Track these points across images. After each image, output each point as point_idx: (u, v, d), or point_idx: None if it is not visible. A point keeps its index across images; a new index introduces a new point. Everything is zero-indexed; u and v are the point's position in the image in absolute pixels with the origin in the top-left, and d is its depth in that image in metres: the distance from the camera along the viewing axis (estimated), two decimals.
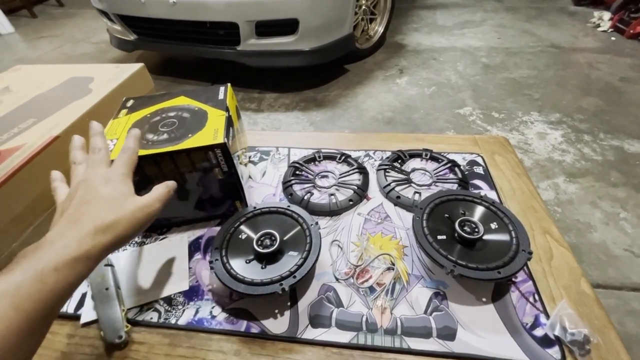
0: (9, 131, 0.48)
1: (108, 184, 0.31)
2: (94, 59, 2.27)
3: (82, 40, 2.58)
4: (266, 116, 1.57)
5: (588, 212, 0.99)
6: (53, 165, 0.47)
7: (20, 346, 0.22)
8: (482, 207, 0.44)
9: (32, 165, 0.43)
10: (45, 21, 3.06)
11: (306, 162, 0.59)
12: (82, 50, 2.41)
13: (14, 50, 2.53)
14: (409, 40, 2.26)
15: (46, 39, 2.65)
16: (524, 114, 1.48)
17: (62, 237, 0.27)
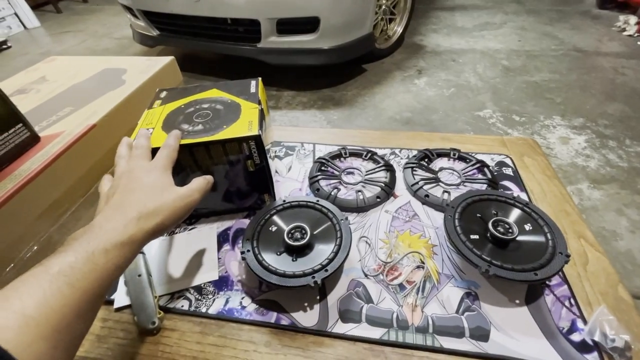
0: (47, 118, 0.49)
1: (150, 174, 0.33)
2: (116, 54, 2.32)
3: (104, 35, 2.64)
4: (284, 114, 1.57)
5: (613, 220, 0.97)
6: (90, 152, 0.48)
7: (76, 323, 0.22)
8: (515, 208, 0.43)
9: (71, 152, 0.44)
10: (69, 16, 3.14)
11: (332, 158, 0.59)
12: (105, 45, 2.46)
13: (40, 44, 2.61)
14: (428, 41, 2.23)
15: (70, 34, 2.72)
16: (545, 117, 1.45)
17: (109, 221, 0.28)
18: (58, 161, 0.43)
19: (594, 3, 2.77)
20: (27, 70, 0.64)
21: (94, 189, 0.48)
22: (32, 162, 0.41)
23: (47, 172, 0.42)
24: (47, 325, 0.20)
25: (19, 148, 0.42)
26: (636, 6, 2.37)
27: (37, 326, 0.19)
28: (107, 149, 0.49)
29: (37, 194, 0.40)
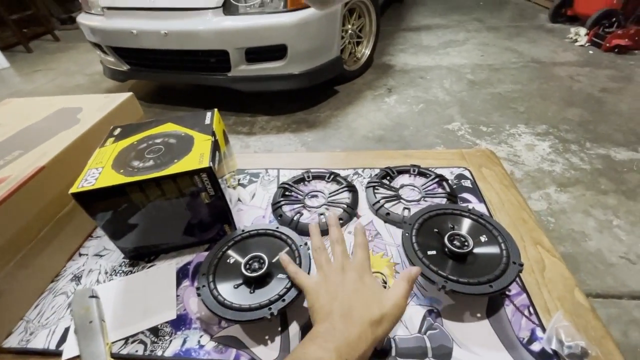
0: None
1: (364, 280, 0.34)
2: (88, 89, 2.31)
3: (76, 72, 2.63)
4: (258, 139, 1.58)
5: (581, 221, 1.00)
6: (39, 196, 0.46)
7: None
8: (470, 221, 0.44)
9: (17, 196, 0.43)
10: (41, 55, 3.13)
11: (295, 182, 0.59)
12: (76, 82, 2.45)
13: (9, 84, 2.57)
14: (396, 60, 2.33)
15: (41, 72, 2.70)
16: (511, 126, 1.51)
17: (343, 330, 0.29)
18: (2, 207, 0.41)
19: (547, 18, 2.99)
20: None
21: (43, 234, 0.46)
22: None
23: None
24: None
25: None
26: (584, 18, 2.57)
27: None
28: (57, 191, 0.47)
29: None
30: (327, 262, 0.36)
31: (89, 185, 0.39)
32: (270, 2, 1.46)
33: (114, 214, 0.41)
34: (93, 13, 1.69)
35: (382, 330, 0.30)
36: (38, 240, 0.46)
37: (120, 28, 1.56)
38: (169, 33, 1.48)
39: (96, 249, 0.51)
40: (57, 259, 0.49)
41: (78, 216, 0.51)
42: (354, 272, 0.34)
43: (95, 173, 0.41)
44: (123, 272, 0.46)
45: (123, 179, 0.40)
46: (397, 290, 0.33)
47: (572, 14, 2.80)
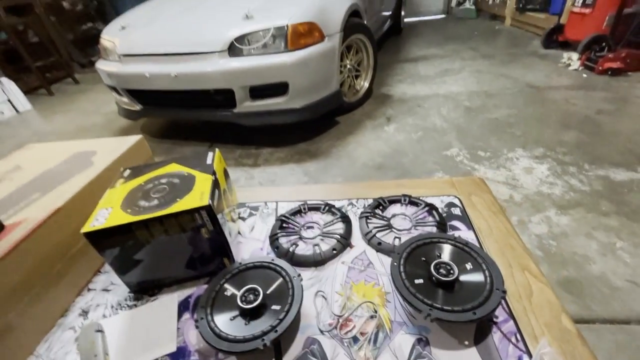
0: (15, 206, 0.52)
1: None
2: (103, 128, 2.43)
3: (93, 112, 2.79)
4: (262, 170, 1.64)
5: (584, 244, 0.99)
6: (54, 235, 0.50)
7: None
8: (456, 249, 0.46)
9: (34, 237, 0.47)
10: (61, 98, 3.34)
11: (292, 214, 0.62)
12: (93, 121, 2.59)
13: (30, 125, 2.73)
14: (395, 90, 2.42)
15: (61, 114, 2.87)
16: (508, 150, 1.54)
17: None
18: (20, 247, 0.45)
19: (539, 44, 3.10)
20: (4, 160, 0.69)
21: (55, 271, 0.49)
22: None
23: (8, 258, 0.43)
24: None
25: None
26: (575, 44, 2.66)
27: None
28: (71, 230, 0.51)
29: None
30: None
31: (99, 224, 0.43)
32: (272, 43, 1.57)
33: (121, 250, 0.45)
34: (111, 60, 1.83)
35: None
36: (51, 276, 0.49)
37: (135, 72, 1.68)
38: (179, 75, 1.59)
39: (104, 284, 0.54)
40: (67, 294, 0.52)
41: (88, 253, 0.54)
42: None
43: (105, 213, 0.45)
44: (128, 306, 0.49)
45: (130, 218, 0.43)
46: None
47: (564, 39, 2.90)
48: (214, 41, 1.55)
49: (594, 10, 2.53)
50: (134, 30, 1.80)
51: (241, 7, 1.65)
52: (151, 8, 2.05)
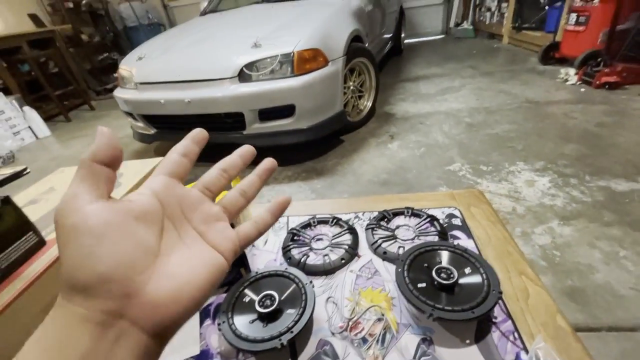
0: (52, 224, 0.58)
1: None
2: None
3: None
4: (271, 188, 1.69)
5: (587, 254, 1.01)
6: None
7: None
8: (455, 255, 0.50)
9: None
10: (78, 124, 3.50)
11: (303, 227, 0.66)
12: None
13: (50, 150, 2.86)
14: (397, 109, 2.50)
15: (77, 139, 3.01)
16: (510, 164, 1.58)
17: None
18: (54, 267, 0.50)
19: (537, 61, 3.18)
20: (39, 183, 0.75)
21: None
22: (38, 263, 0.48)
23: (50, 271, 0.48)
24: None
25: (28, 253, 0.50)
26: (572, 59, 2.73)
27: None
28: None
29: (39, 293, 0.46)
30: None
31: None
32: (279, 69, 1.66)
33: None
34: (128, 88, 1.95)
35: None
36: None
37: (151, 99, 1.79)
38: (192, 100, 1.68)
39: None
40: None
41: None
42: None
43: None
44: None
45: None
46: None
47: (560, 56, 2.98)
48: (225, 68, 1.66)
49: (587, 27, 2.62)
50: (150, 60, 1.92)
51: (250, 36, 1.76)
52: (165, 39, 2.19)
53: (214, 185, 0.26)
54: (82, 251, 0.16)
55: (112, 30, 5.11)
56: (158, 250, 0.19)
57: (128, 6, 5.02)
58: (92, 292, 0.16)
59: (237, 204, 0.27)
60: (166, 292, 0.18)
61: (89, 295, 0.16)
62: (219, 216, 0.24)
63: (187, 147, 0.25)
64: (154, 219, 0.20)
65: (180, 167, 0.24)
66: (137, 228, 0.18)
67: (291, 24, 1.88)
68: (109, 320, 0.16)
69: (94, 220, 0.17)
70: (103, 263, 0.16)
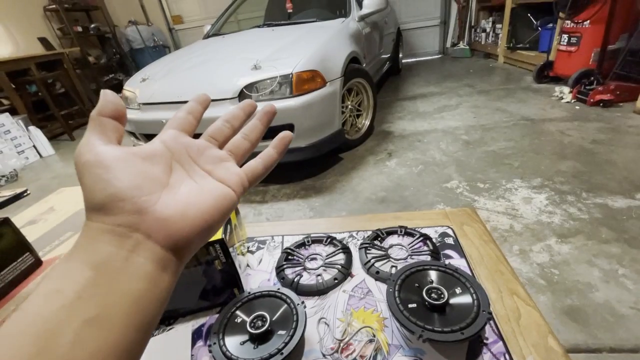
0: (51, 244, 0.58)
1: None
2: None
3: None
4: (270, 206, 1.70)
5: (586, 272, 1.00)
6: None
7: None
8: (446, 275, 0.50)
9: None
10: None
11: (297, 247, 0.67)
12: None
13: (52, 169, 2.89)
14: (395, 127, 2.54)
15: None
16: (507, 181, 1.59)
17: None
18: None
19: (532, 80, 3.25)
20: (39, 203, 0.77)
21: None
22: (33, 284, 0.49)
23: None
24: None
25: (24, 273, 0.51)
26: (566, 78, 2.79)
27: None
28: None
29: None
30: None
31: None
32: (278, 90, 1.71)
33: None
34: (131, 108, 2.00)
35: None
36: None
37: (152, 119, 1.83)
38: None
39: None
40: None
41: None
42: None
43: None
44: None
45: None
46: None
47: (554, 74, 3.05)
48: (225, 89, 1.70)
49: (579, 47, 2.69)
50: (153, 82, 1.98)
51: (250, 58, 1.82)
52: (169, 62, 2.26)
53: (219, 134, 0.28)
54: (95, 178, 0.19)
55: (119, 52, 5.28)
56: (167, 183, 0.21)
57: (135, 29, 5.21)
58: (107, 209, 0.18)
59: (241, 146, 0.29)
60: (174, 209, 0.20)
61: (105, 212, 0.18)
62: (225, 157, 0.27)
63: (192, 107, 0.28)
64: (161, 160, 0.22)
65: (186, 122, 0.27)
66: (144, 165, 0.21)
67: (290, 47, 1.94)
68: (125, 232, 0.18)
69: (103, 156, 0.19)
70: (113, 185, 0.18)
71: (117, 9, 5.54)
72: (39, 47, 4.24)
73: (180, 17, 5.66)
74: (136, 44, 5.31)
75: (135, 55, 5.40)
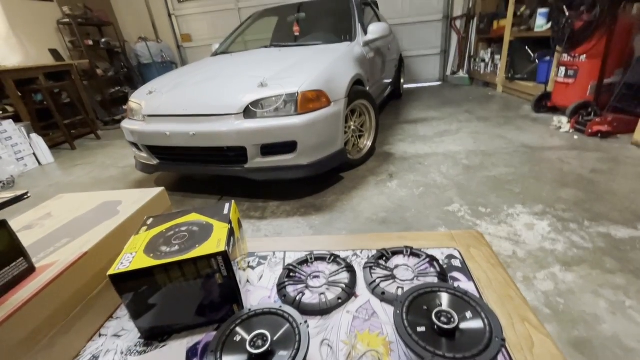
0: (46, 250, 0.56)
1: None
2: (119, 180, 2.55)
3: (110, 165, 2.95)
4: (269, 223, 1.68)
5: (592, 302, 0.97)
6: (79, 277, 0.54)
7: None
8: (456, 297, 0.48)
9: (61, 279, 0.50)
10: (82, 152, 3.56)
11: (299, 264, 0.65)
12: (110, 174, 2.73)
13: (50, 177, 2.87)
14: (396, 149, 2.56)
15: (80, 166, 3.04)
16: (509, 207, 1.58)
17: None
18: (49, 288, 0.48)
19: (530, 109, 3.32)
20: (36, 208, 0.75)
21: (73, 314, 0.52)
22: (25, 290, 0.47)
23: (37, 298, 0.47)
24: None
25: (16, 279, 0.48)
26: (564, 108, 2.86)
27: None
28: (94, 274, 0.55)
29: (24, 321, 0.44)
30: None
31: (124, 267, 0.47)
32: (283, 107, 1.73)
33: (140, 294, 0.48)
34: (136, 120, 2.01)
35: None
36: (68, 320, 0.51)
37: (157, 131, 1.84)
38: (197, 133, 1.73)
39: (115, 329, 0.55)
40: (80, 339, 0.53)
41: (104, 298, 0.57)
42: None
43: (129, 257, 0.49)
44: (137, 352, 0.50)
45: (152, 262, 0.47)
46: None
47: (552, 105, 3.12)
48: (231, 105, 1.73)
49: (576, 80, 2.77)
50: (160, 95, 2.00)
51: (257, 76, 1.86)
52: (177, 76, 2.30)
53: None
54: None
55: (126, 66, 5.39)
56: None
57: (144, 45, 5.35)
58: None
59: None
60: None
61: None
62: None
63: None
64: None
65: None
66: None
67: (297, 67, 1.99)
68: None
69: None
70: None
71: (129, 25, 5.72)
72: (49, 58, 4.33)
73: (189, 36, 5.84)
74: (144, 59, 5.44)
75: (143, 69, 5.52)
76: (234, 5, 5.44)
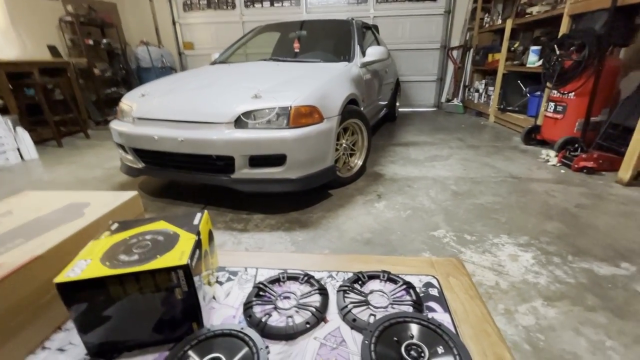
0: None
1: None
2: (102, 181, 2.49)
3: (96, 166, 2.88)
4: (251, 236, 1.63)
5: (572, 341, 0.95)
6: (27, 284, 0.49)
7: None
8: (429, 330, 0.46)
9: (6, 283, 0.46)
10: (69, 150, 3.48)
11: (271, 282, 0.62)
12: (94, 174, 2.66)
13: (31, 174, 2.78)
14: (386, 170, 2.57)
15: (63, 165, 2.96)
16: (494, 236, 1.57)
17: None
18: None
19: (520, 140, 3.39)
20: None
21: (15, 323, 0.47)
22: None
23: None
24: None
25: None
26: (552, 142, 2.92)
27: None
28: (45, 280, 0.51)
29: None
30: None
31: (74, 275, 0.43)
32: (275, 120, 1.72)
33: (90, 306, 0.44)
34: (125, 121, 1.98)
35: None
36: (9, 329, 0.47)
37: (145, 134, 1.81)
38: (185, 139, 1.70)
39: (61, 342, 0.51)
40: (19, 351, 0.49)
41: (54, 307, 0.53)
42: None
43: (83, 264, 0.46)
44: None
45: (106, 271, 0.44)
46: None
47: (541, 138, 3.20)
48: (223, 114, 1.71)
49: (565, 116, 2.86)
50: (152, 98, 1.98)
51: (252, 88, 1.86)
52: (171, 81, 2.30)
53: None
54: None
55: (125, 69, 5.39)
56: None
57: (145, 49, 5.38)
58: None
59: None
60: None
61: None
62: None
63: None
64: None
65: None
66: None
67: (293, 82, 2.00)
68: None
69: None
70: None
71: (132, 28, 5.77)
72: (46, 53, 4.30)
73: (191, 44, 5.90)
74: (144, 62, 5.45)
75: (142, 73, 5.52)
76: (239, 19, 5.55)
